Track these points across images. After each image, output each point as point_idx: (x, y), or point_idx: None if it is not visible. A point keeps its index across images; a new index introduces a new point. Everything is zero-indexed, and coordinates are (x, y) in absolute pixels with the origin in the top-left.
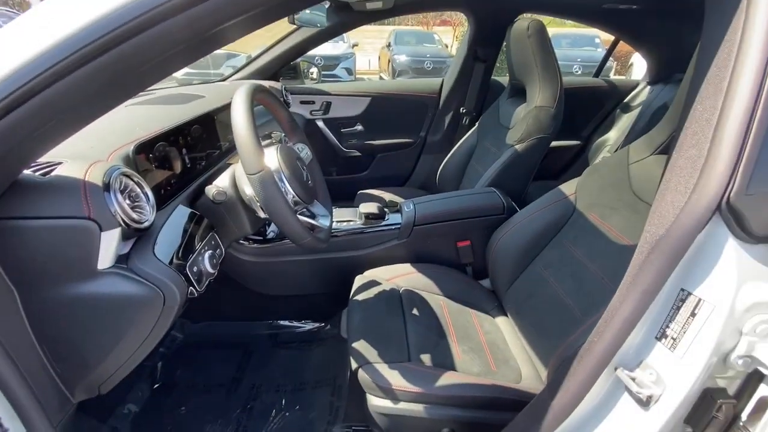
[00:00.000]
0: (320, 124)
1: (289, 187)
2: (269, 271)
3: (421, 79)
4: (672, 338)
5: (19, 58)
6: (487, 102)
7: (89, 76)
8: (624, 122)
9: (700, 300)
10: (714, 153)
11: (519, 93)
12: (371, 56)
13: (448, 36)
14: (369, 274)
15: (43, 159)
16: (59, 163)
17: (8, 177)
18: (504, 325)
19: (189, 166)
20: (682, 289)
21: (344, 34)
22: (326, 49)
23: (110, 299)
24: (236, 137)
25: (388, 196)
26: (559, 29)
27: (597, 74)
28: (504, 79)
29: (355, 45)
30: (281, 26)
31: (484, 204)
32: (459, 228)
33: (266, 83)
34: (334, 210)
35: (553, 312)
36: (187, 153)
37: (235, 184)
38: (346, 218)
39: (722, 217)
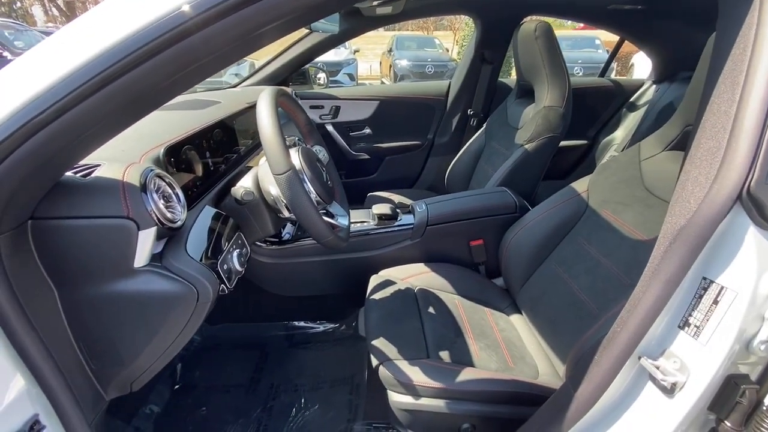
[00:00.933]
0: (329, 128)
1: (311, 188)
2: (285, 273)
3: (428, 81)
4: (695, 326)
5: (52, 77)
6: (494, 104)
7: (110, 95)
8: (630, 121)
9: (722, 288)
10: (733, 144)
11: (527, 94)
12: (372, 62)
13: (448, 41)
14: (384, 274)
15: (82, 162)
16: (98, 166)
17: (52, 179)
18: (519, 322)
19: (212, 168)
20: (704, 278)
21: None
22: (328, 55)
23: (146, 296)
24: (263, 138)
25: (397, 198)
26: (560, 32)
27: (602, 74)
28: (508, 81)
29: (356, 51)
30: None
31: (497, 203)
32: (472, 227)
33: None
34: None
35: (568, 308)
36: (210, 156)
37: (258, 185)
38: (359, 219)
39: (743, 206)
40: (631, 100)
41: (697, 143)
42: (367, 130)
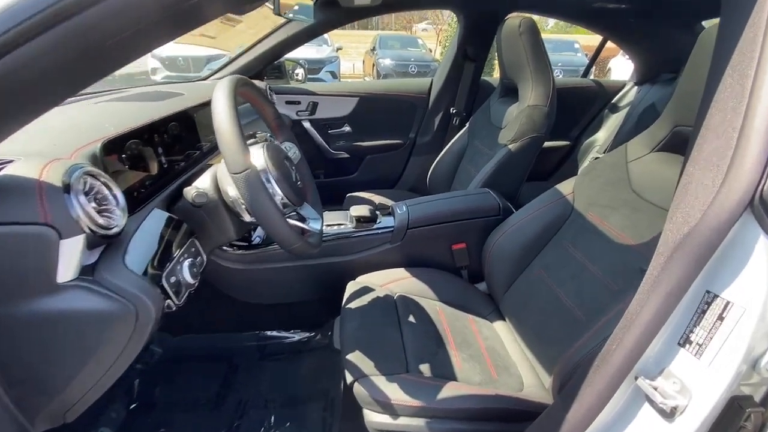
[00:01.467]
0: (306, 125)
1: (277, 188)
2: (255, 279)
3: (410, 79)
4: (697, 344)
5: None
6: (477, 102)
7: (41, 49)
8: (612, 122)
9: (728, 303)
10: (743, 143)
11: (511, 92)
12: (356, 61)
13: (431, 41)
14: (361, 280)
15: None
16: (11, 161)
17: None
18: (502, 329)
19: (166, 167)
20: (708, 292)
21: (328, 39)
22: (310, 52)
23: (73, 316)
24: (217, 132)
25: (378, 198)
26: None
27: (585, 74)
28: (492, 80)
29: (339, 49)
30: (264, 24)
31: (480, 205)
32: (454, 230)
33: (255, 81)
34: (323, 213)
35: (553, 316)
36: (163, 153)
37: (217, 186)
38: (336, 222)
39: (754, 213)
40: (613, 101)
41: (701, 143)
42: (347, 128)
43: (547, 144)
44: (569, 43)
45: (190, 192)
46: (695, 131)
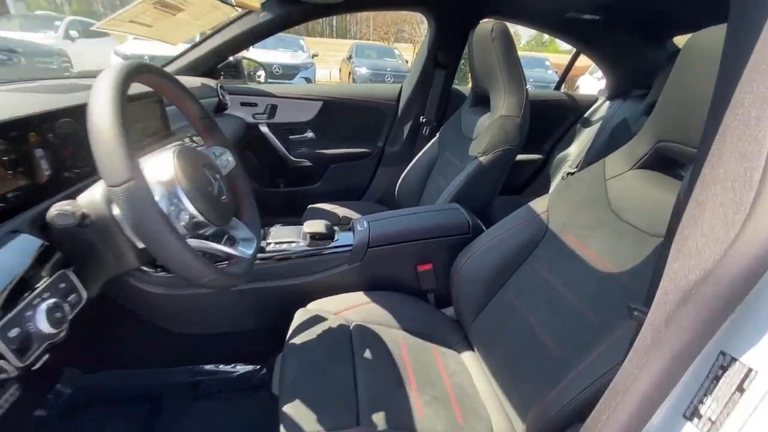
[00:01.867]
0: (264, 129)
1: (188, 204)
2: (186, 306)
3: (379, 84)
4: (709, 420)
5: None
6: (449, 112)
7: None
8: (584, 137)
9: (750, 371)
10: None
11: (482, 101)
12: (333, 68)
13: (409, 54)
14: (313, 308)
15: None
16: None
17: None
18: (471, 361)
19: (50, 175)
20: (723, 353)
21: (304, 45)
22: (285, 57)
23: None
24: (89, 132)
25: (341, 211)
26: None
27: (558, 87)
28: (464, 89)
29: (315, 55)
30: (213, 16)
31: (448, 222)
32: (419, 249)
33: (200, 80)
34: (273, 229)
35: (526, 349)
36: (47, 156)
37: (109, 201)
38: (286, 239)
39: None
40: (585, 115)
41: (713, 163)
42: (310, 134)
43: (519, 157)
44: (540, 61)
45: (51, 211)
46: (703, 148)
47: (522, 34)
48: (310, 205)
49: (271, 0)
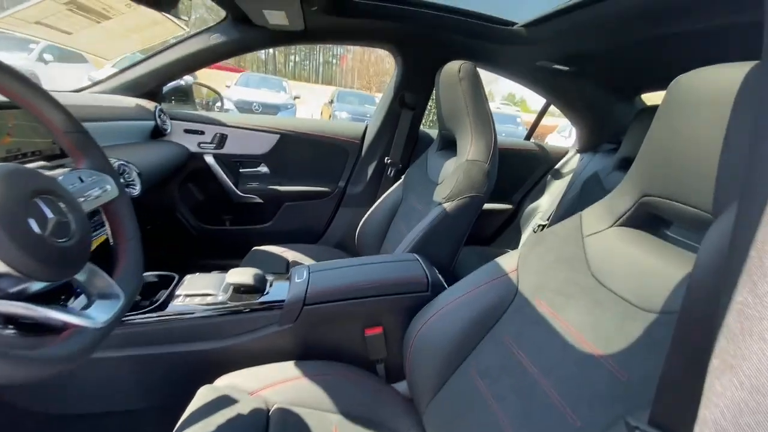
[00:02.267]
0: (209, 159)
1: None
2: (53, 378)
3: (343, 121)
4: None
5: None
6: (416, 154)
7: None
8: (555, 189)
9: None
10: None
11: (449, 145)
12: (315, 111)
13: None
14: (222, 384)
15: None
16: None
17: None
18: None
19: None
20: None
21: (286, 86)
22: (266, 96)
23: None
24: None
25: (292, 255)
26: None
27: (528, 137)
28: (434, 132)
29: (296, 97)
30: (154, 31)
31: (404, 277)
32: (368, 309)
33: (136, 101)
34: (188, 278)
35: None
36: None
37: None
38: (201, 291)
39: None
40: (556, 167)
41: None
42: (264, 168)
43: (489, 206)
44: (512, 117)
45: None
46: (745, 209)
47: (495, 92)
48: (255, 248)
49: (226, 23)
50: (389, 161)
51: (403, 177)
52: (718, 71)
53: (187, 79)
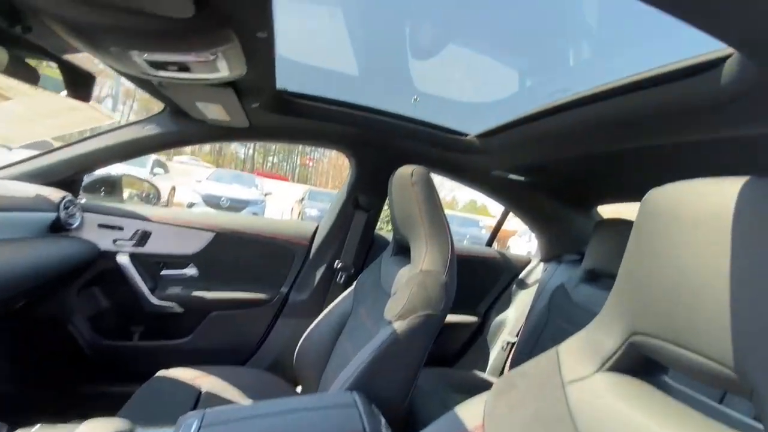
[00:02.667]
0: (122, 259)
1: None
2: None
3: (292, 220)
4: None
5: None
6: (371, 258)
7: None
8: (522, 300)
9: None
10: None
11: (404, 251)
12: (285, 208)
13: None
14: None
15: None
16: None
17: None
18: None
19: None
20: None
21: (258, 183)
22: (235, 191)
23: None
24: None
25: (208, 382)
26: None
27: (490, 243)
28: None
29: (267, 194)
30: (71, 118)
31: (332, 429)
32: None
33: (38, 189)
34: None
35: None
36: None
37: None
38: None
39: None
40: (521, 277)
41: None
42: (192, 271)
43: (452, 318)
44: (474, 221)
45: None
46: None
47: (459, 199)
48: (161, 371)
49: (164, 114)
50: (340, 265)
51: (354, 284)
52: (700, 187)
53: (127, 168)
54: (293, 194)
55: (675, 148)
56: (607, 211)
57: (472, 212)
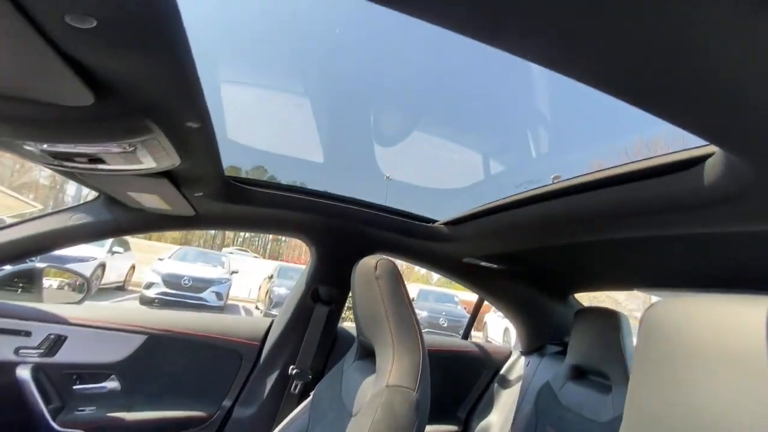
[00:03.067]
0: (23, 373)
1: None
2: None
3: (240, 317)
4: None
5: None
6: (334, 359)
7: None
8: (506, 401)
9: None
10: None
11: (369, 355)
12: (254, 285)
13: None
14: None
15: None
16: None
17: None
18: None
19: None
20: None
21: (225, 261)
22: (198, 270)
23: None
24: None
25: None
26: (425, 286)
27: (465, 336)
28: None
29: (234, 272)
30: None
31: None
32: None
33: None
34: None
35: None
36: None
37: None
38: None
39: None
40: (502, 372)
41: None
42: (112, 384)
43: (430, 429)
44: (450, 296)
45: None
46: None
47: (435, 274)
48: None
49: (99, 202)
50: (295, 371)
51: (311, 395)
52: (706, 305)
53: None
54: (263, 271)
55: (656, 241)
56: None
57: (447, 286)
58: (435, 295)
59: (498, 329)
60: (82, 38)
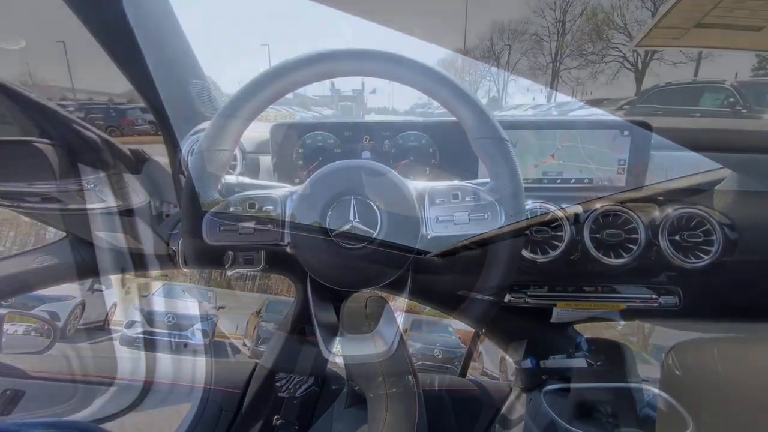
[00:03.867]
0: None
1: None
2: None
3: (223, 361)
4: None
5: None
6: (322, 405)
7: None
8: None
9: None
10: None
11: (360, 401)
12: (242, 320)
13: None
14: None
15: None
16: None
17: None
18: None
19: None
20: None
21: (212, 296)
22: (182, 306)
23: None
24: None
25: None
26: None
27: (463, 373)
28: None
29: (221, 307)
30: None
31: None
32: None
33: None
34: None
35: None
36: None
37: None
38: None
39: None
40: (503, 412)
41: None
42: None
43: None
44: (444, 326)
45: None
46: None
47: None
48: None
49: (65, 242)
50: (279, 422)
51: None
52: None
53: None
54: (252, 305)
55: None
56: None
57: (441, 315)
58: (428, 324)
59: (494, 358)
60: None
